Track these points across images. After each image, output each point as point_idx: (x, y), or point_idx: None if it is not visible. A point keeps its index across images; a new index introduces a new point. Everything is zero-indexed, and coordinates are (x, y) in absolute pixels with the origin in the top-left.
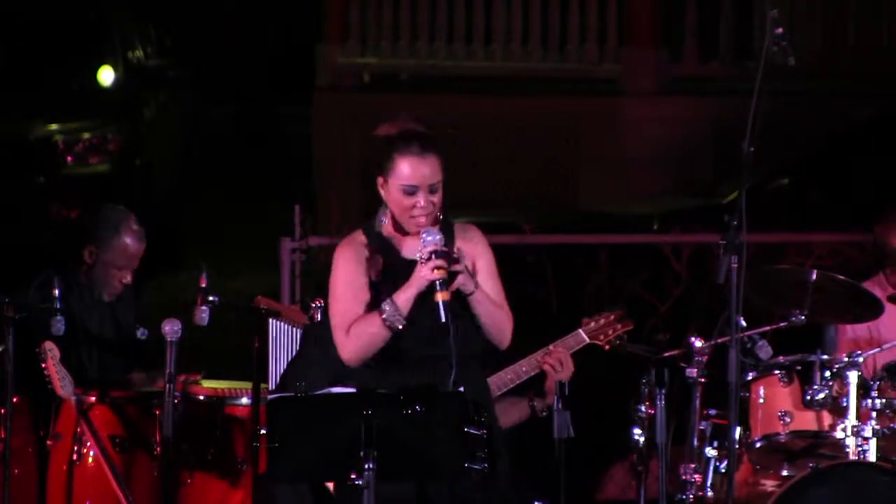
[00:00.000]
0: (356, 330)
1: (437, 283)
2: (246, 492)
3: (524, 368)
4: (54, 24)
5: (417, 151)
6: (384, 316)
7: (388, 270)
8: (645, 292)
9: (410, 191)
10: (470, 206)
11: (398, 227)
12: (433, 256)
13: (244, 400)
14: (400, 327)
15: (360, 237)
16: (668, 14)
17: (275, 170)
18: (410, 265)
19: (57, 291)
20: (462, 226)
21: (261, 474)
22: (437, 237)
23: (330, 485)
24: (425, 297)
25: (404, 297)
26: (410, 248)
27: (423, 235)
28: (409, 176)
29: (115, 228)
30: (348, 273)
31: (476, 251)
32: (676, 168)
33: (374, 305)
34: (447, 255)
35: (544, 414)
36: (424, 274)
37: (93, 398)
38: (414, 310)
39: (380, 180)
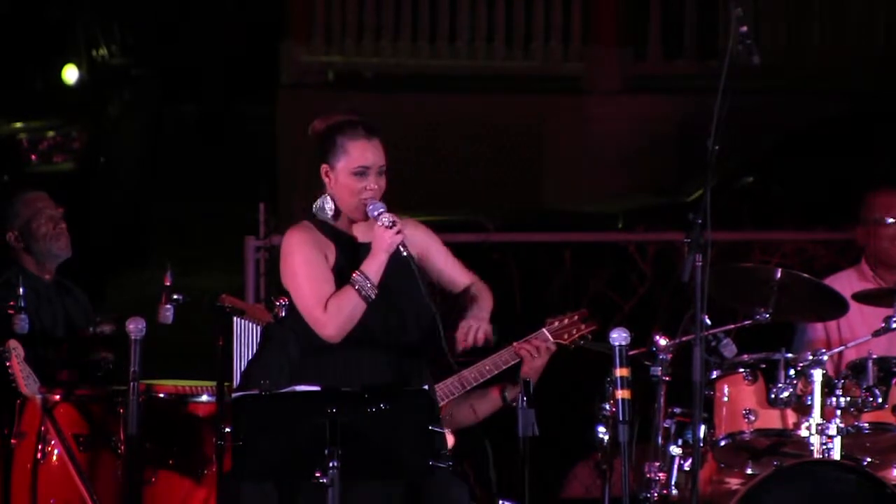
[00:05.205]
0: (334, 304)
1: (400, 247)
2: (210, 490)
3: (488, 367)
4: (18, 23)
5: (365, 135)
6: (357, 287)
7: (345, 256)
8: (609, 291)
9: (361, 172)
10: (433, 204)
11: (345, 213)
12: (394, 222)
13: (204, 397)
14: (373, 296)
15: (309, 226)
16: (633, 12)
17: (239, 168)
18: (367, 248)
19: (21, 290)
20: (406, 220)
21: (226, 473)
22: (383, 206)
23: None
24: (399, 283)
25: (374, 267)
26: (364, 233)
27: (370, 207)
28: (360, 158)
29: (11, 203)
30: (308, 255)
31: (426, 238)
32: (641, 166)
33: (338, 288)
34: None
35: (514, 404)
36: (389, 237)
37: (57, 397)
38: (390, 296)
39: (324, 168)
